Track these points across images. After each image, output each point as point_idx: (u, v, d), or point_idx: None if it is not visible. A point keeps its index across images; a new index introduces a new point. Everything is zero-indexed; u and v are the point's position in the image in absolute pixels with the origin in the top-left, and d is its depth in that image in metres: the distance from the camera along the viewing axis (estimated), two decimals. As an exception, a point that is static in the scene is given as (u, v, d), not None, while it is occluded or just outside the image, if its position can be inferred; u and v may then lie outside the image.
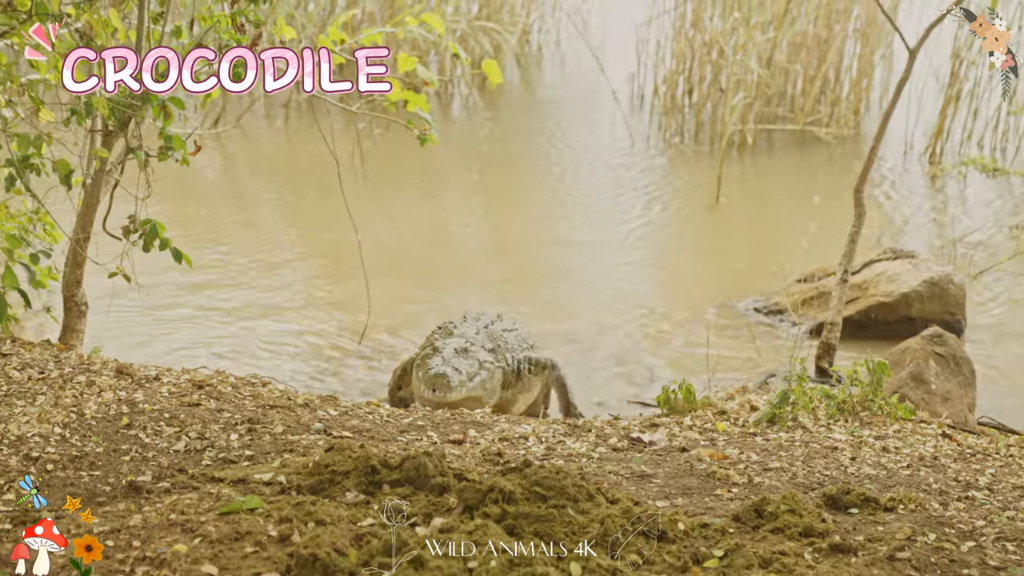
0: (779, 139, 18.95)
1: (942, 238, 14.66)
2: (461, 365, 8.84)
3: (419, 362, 8.99)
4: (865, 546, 5.58)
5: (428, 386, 8.64)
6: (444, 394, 8.59)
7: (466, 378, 8.78)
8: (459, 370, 8.79)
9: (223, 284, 12.40)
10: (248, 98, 19.72)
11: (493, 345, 9.29)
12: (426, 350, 9.10)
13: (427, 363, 8.86)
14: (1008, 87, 7.45)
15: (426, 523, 5.51)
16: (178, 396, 7.38)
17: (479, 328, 9.45)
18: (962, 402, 8.95)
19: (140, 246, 8.27)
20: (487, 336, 9.37)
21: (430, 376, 8.67)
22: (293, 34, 8.90)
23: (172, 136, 8.02)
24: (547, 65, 23.55)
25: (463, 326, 9.50)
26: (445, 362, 8.82)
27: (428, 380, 8.66)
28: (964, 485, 6.62)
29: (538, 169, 17.71)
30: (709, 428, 7.72)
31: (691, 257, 14.41)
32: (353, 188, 14.63)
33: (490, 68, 9.08)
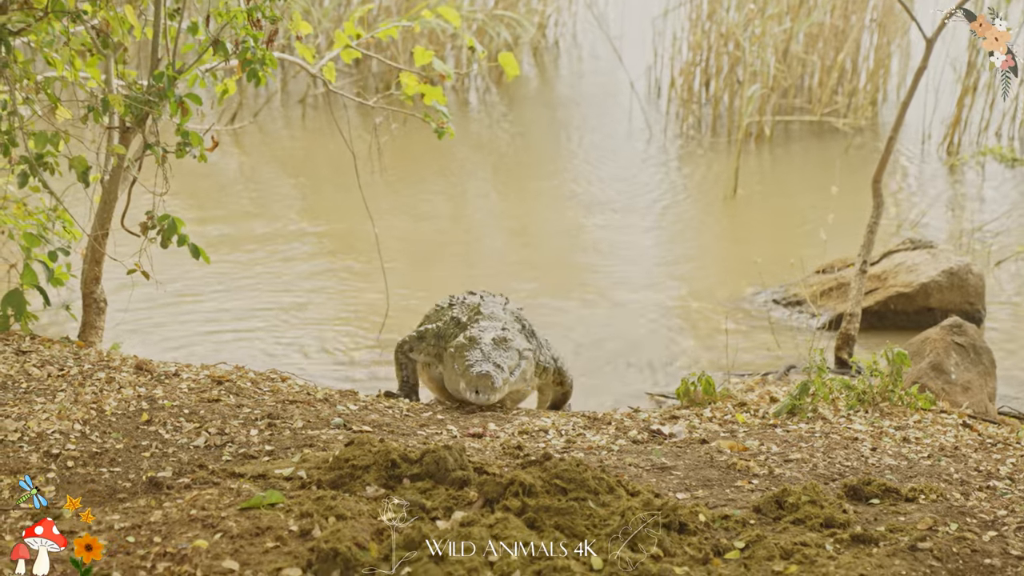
0: (796, 130, 18.92)
1: (960, 228, 14.63)
2: (502, 360, 8.11)
3: (455, 353, 8.21)
4: (886, 537, 5.57)
5: (471, 387, 7.92)
6: (488, 396, 7.89)
7: (508, 374, 8.07)
8: (501, 367, 8.06)
9: (241, 279, 12.41)
10: (265, 93, 19.74)
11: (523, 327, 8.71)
12: (460, 339, 8.30)
13: (465, 357, 8.11)
14: (1008, 87, 7.43)
15: (446, 517, 5.51)
16: (197, 392, 7.39)
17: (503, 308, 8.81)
18: (982, 392, 8.92)
19: (158, 242, 8.27)
20: (512, 317, 8.76)
21: (473, 377, 7.94)
22: (309, 29, 8.91)
23: (189, 132, 8.03)
24: (564, 58, 23.54)
25: (488, 303, 8.80)
26: (486, 357, 8.07)
27: (471, 381, 7.93)
28: (985, 475, 6.61)
29: (555, 162, 17.70)
30: (729, 420, 7.71)
31: (709, 249, 14.39)
32: (371, 182, 14.64)
33: (507, 61, 9.08)
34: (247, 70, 8.03)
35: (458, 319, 8.62)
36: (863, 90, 19.21)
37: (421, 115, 8.97)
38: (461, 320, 8.59)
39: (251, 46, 7.96)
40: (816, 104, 18.96)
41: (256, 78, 8.07)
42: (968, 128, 18.07)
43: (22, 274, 8.71)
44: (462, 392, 8.00)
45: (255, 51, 7.98)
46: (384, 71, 20.10)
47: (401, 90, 9.15)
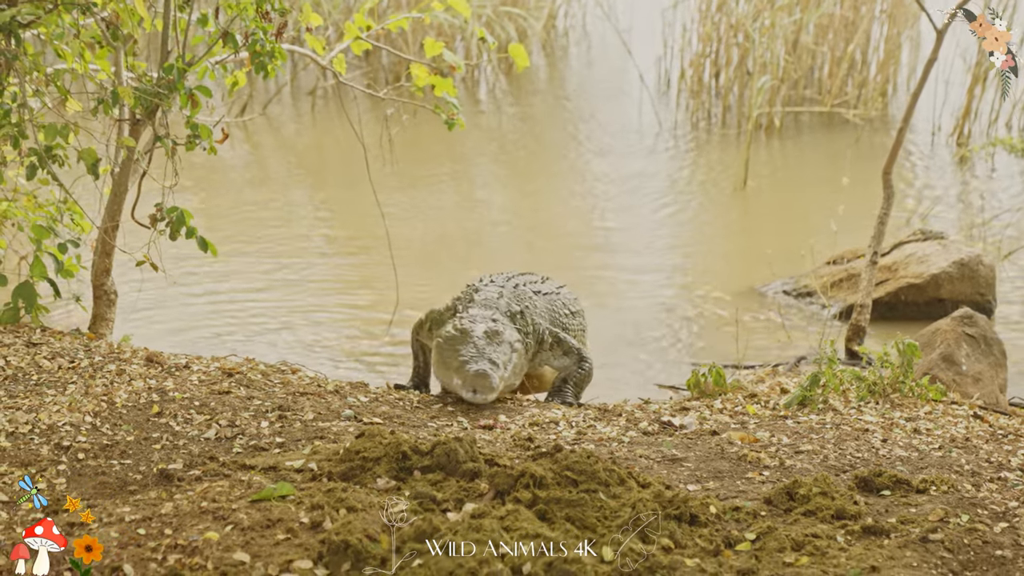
0: (806, 121, 18.90)
1: (971, 219, 14.61)
2: (496, 355, 7.77)
3: (444, 344, 7.88)
4: (897, 528, 5.57)
5: (468, 387, 7.58)
6: (485, 396, 7.57)
7: (503, 370, 7.73)
8: (496, 363, 7.71)
9: (250, 271, 12.41)
10: (275, 85, 19.75)
11: (520, 308, 8.27)
12: (449, 329, 7.98)
13: (458, 352, 7.78)
14: (1007, 87, 7.42)
15: (457, 509, 5.51)
16: (208, 384, 7.39)
17: (501, 290, 8.43)
18: (993, 383, 8.91)
19: (167, 235, 8.26)
20: (513, 297, 8.40)
21: (470, 376, 7.60)
22: (319, 21, 8.91)
23: (199, 125, 8.02)
24: (573, 49, 23.53)
25: (485, 289, 8.44)
26: (480, 354, 7.73)
27: (468, 380, 7.60)
28: (996, 466, 6.60)
29: (565, 153, 17.70)
30: (740, 411, 7.70)
31: (719, 240, 14.38)
32: (381, 174, 14.64)
33: (517, 52, 9.08)
34: (256, 62, 8.03)
35: (459, 320, 8.08)
36: (873, 81, 19.19)
37: (431, 107, 8.96)
38: (462, 324, 8.02)
39: (261, 38, 7.96)
40: (826, 95, 18.94)
41: (265, 70, 8.07)
42: (978, 119, 18.04)
43: (31, 266, 8.71)
44: (455, 387, 7.71)
45: (265, 43, 7.98)
46: (394, 63, 20.11)
47: (411, 82, 9.14)
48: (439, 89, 8.95)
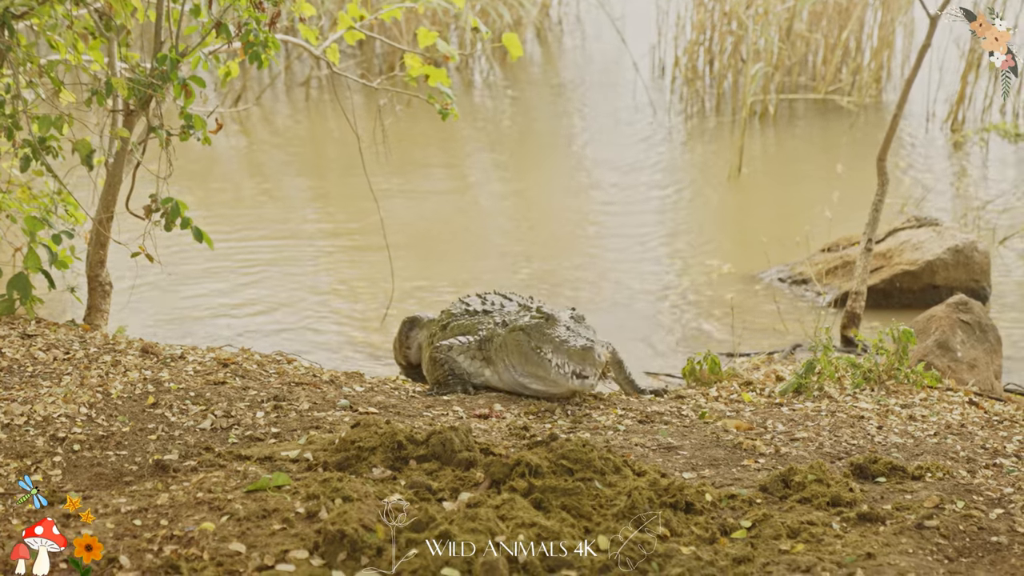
0: (801, 108, 18.90)
1: (966, 205, 14.61)
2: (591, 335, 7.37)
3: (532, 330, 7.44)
4: (893, 515, 5.58)
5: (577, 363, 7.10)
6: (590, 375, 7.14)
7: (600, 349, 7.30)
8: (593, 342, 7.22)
9: (245, 262, 12.40)
10: (268, 76, 19.73)
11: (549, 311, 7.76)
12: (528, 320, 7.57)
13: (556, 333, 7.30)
14: (1008, 87, 7.43)
15: (453, 498, 5.51)
16: (203, 374, 7.39)
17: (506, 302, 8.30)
18: (988, 369, 8.92)
19: (162, 225, 8.26)
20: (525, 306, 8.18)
21: (578, 350, 7.09)
22: (312, 11, 8.90)
23: (193, 115, 8.02)
24: (567, 38, 23.53)
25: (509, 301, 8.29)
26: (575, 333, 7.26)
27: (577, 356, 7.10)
28: (992, 452, 6.61)
29: (560, 141, 17.70)
30: (735, 399, 7.71)
31: (714, 228, 14.38)
32: (375, 164, 14.62)
33: (510, 41, 9.07)
34: (250, 52, 8.02)
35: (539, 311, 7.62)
36: (867, 68, 19.20)
37: (425, 96, 8.96)
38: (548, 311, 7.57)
39: (254, 28, 7.95)
40: (820, 82, 18.95)
41: (259, 60, 8.06)
42: (972, 105, 18.05)
43: (26, 258, 8.71)
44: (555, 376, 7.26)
45: (258, 33, 7.97)
46: (388, 53, 20.09)
47: (405, 72, 9.13)
48: (433, 79, 8.94)
